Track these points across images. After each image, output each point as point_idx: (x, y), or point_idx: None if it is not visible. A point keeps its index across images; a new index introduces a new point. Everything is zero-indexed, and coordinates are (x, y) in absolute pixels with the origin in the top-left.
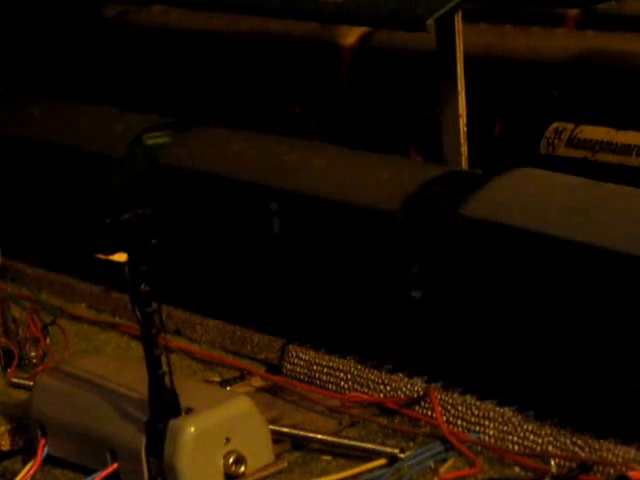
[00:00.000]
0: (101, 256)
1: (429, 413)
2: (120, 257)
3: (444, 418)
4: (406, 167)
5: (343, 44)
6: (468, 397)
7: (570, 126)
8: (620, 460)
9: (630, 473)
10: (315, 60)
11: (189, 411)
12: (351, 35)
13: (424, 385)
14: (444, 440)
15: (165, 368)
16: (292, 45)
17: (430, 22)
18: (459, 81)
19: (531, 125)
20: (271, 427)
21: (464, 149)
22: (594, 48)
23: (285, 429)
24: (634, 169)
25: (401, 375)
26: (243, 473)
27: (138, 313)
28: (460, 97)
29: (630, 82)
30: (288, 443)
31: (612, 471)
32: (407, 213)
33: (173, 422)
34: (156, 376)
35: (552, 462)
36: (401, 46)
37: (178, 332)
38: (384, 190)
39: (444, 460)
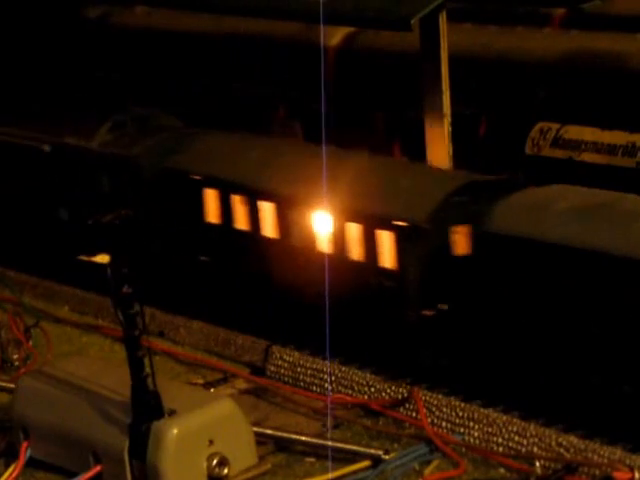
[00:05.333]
0: (84, 258)
1: (413, 415)
2: (102, 259)
3: (429, 420)
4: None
5: (328, 44)
6: (452, 399)
7: (555, 126)
8: (605, 461)
9: (615, 474)
10: (300, 60)
11: (172, 413)
12: (336, 35)
13: (408, 387)
14: (428, 442)
15: (148, 370)
16: (277, 45)
17: (414, 22)
18: (443, 81)
19: (516, 125)
20: (255, 429)
21: (449, 149)
22: (579, 48)
23: (269, 431)
24: (619, 169)
25: (385, 377)
26: (226, 475)
27: (120, 315)
28: (444, 97)
29: (615, 82)
30: (272, 445)
31: (597, 472)
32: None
33: (156, 424)
34: (139, 378)
35: (537, 463)
36: (386, 46)
37: (162, 334)
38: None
39: (428, 462)
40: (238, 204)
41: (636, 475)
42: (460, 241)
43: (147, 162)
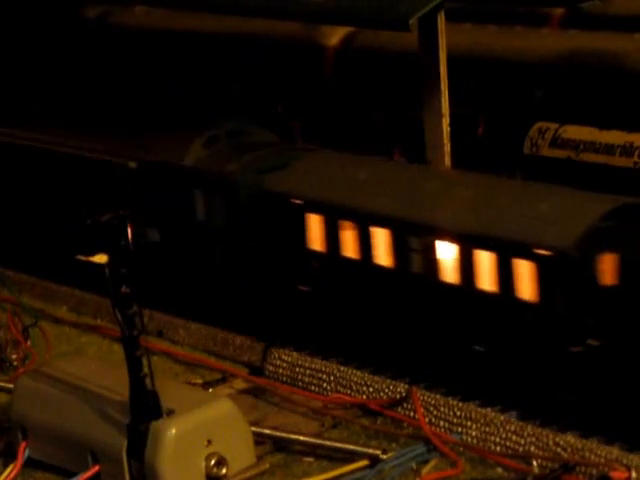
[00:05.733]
0: (82, 258)
1: (411, 414)
2: (100, 259)
3: (426, 419)
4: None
5: (327, 44)
6: (450, 398)
7: (554, 126)
8: (602, 460)
9: (612, 473)
10: (299, 60)
11: (170, 413)
12: (335, 35)
13: (407, 386)
14: (426, 441)
15: (146, 370)
16: (276, 45)
17: (413, 22)
18: (442, 81)
19: (515, 125)
20: (253, 429)
21: (447, 148)
22: (578, 48)
23: (267, 431)
24: (617, 169)
25: (384, 376)
26: (225, 475)
27: (119, 315)
28: (443, 97)
29: (613, 81)
30: (270, 445)
31: (594, 471)
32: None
33: (154, 424)
34: (137, 378)
35: (534, 463)
36: (384, 46)
37: (160, 334)
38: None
39: (426, 461)
40: (346, 230)
41: (633, 474)
42: (608, 270)
43: (244, 181)
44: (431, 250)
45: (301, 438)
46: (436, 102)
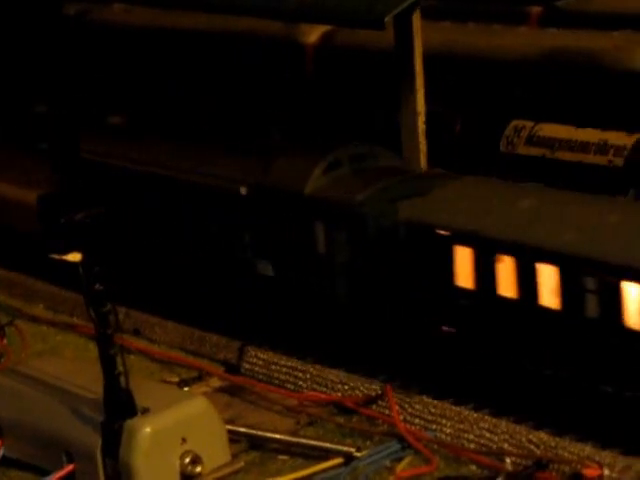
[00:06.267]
0: (55, 256)
1: (386, 412)
2: (74, 257)
3: (401, 417)
4: None
5: (306, 42)
6: (425, 396)
7: (529, 124)
8: (575, 458)
9: (585, 471)
10: (279, 58)
11: (145, 411)
12: (314, 33)
13: (381, 384)
14: (401, 439)
15: (121, 368)
16: (256, 43)
17: (388, 20)
18: (417, 79)
19: (491, 123)
20: (228, 427)
21: (423, 147)
22: (554, 46)
23: (242, 429)
24: (592, 167)
25: (359, 375)
26: (199, 473)
27: (92, 313)
28: (418, 95)
29: (589, 80)
30: (245, 443)
31: (567, 469)
32: None
33: (129, 422)
34: (111, 376)
35: (507, 460)
36: (363, 44)
37: (137, 332)
38: None
39: (401, 458)
40: (505, 266)
41: (605, 472)
42: None
43: (374, 210)
44: (614, 292)
45: (276, 436)
46: (412, 100)
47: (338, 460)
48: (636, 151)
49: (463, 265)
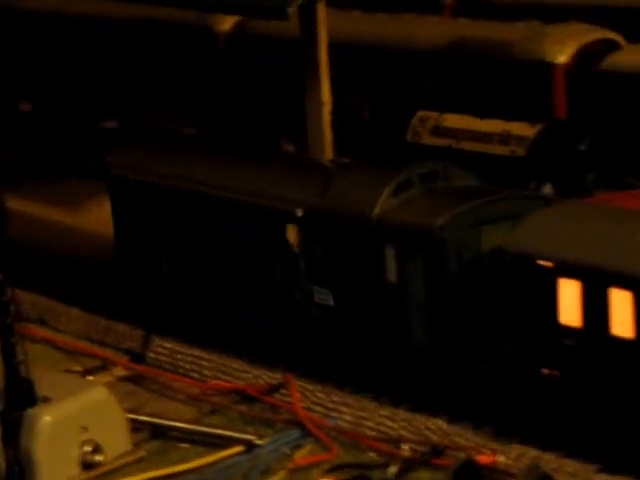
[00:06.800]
0: None
1: (289, 400)
2: None
3: (303, 405)
4: None
5: (219, 30)
6: (326, 384)
7: (434, 115)
8: (471, 444)
9: (479, 457)
10: (192, 46)
11: (46, 400)
12: (227, 22)
13: (284, 373)
14: (302, 426)
15: (21, 357)
16: (169, 31)
17: (292, 10)
18: (322, 69)
19: (398, 113)
20: (130, 416)
21: (328, 137)
22: (463, 36)
23: (145, 418)
24: (496, 157)
25: (262, 363)
26: (100, 461)
27: None
28: (323, 85)
29: (493, 70)
30: (147, 432)
31: (463, 455)
32: None
33: (29, 411)
34: (11, 365)
35: (405, 447)
36: (273, 33)
37: (42, 321)
38: None
39: (301, 446)
40: (620, 301)
41: (500, 458)
42: None
43: (458, 238)
44: None
45: (178, 424)
46: (317, 90)
47: (239, 448)
48: (538, 142)
49: (569, 300)
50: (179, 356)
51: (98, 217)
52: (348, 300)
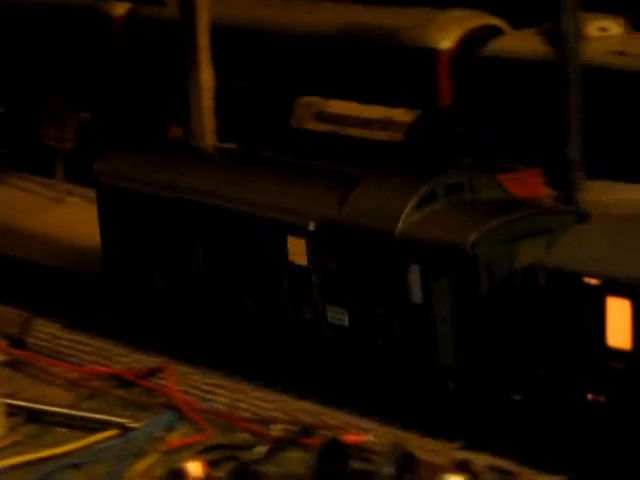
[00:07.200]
0: None
1: (165, 384)
2: None
3: (179, 388)
4: None
5: (113, 14)
6: (201, 368)
7: (318, 100)
8: (339, 424)
9: (346, 436)
10: (88, 30)
11: None
12: (122, 6)
13: (161, 357)
14: (177, 409)
15: None
16: (65, 15)
17: None
18: (202, 54)
19: (282, 98)
20: (6, 401)
21: (209, 123)
22: (350, 22)
23: (21, 403)
24: (378, 143)
25: (139, 347)
26: None
27: None
28: (204, 71)
29: (376, 57)
30: (24, 416)
31: (332, 434)
32: None
33: None
34: None
35: (274, 427)
36: (163, 18)
37: None
38: None
39: (175, 428)
40: None
41: (367, 437)
42: None
43: (491, 255)
44: None
45: (55, 409)
46: (197, 76)
47: (114, 431)
48: (415, 127)
49: (618, 321)
50: (59, 341)
51: None
52: (365, 321)
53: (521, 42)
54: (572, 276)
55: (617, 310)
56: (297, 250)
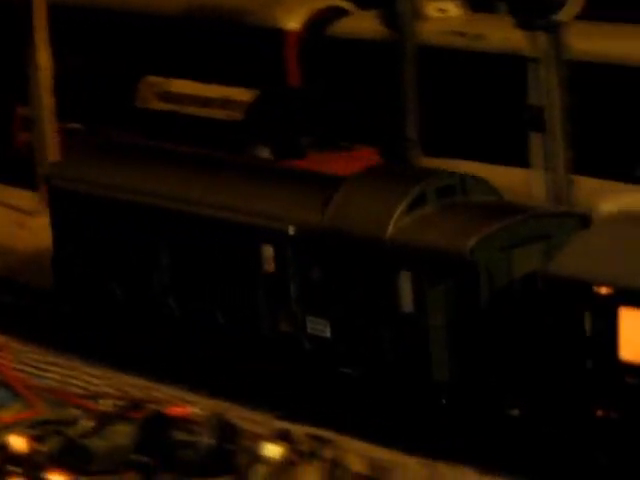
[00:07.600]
0: None
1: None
2: None
3: (13, 366)
4: None
5: None
6: (36, 345)
7: (161, 80)
8: (167, 397)
9: (169, 409)
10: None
11: None
12: None
13: None
14: (10, 387)
15: None
16: None
17: None
18: (39, 33)
19: (125, 78)
20: None
21: (48, 101)
22: (195, 1)
23: None
24: (216, 122)
25: None
26: None
27: None
28: (41, 50)
29: (226, 37)
30: None
31: (161, 407)
32: None
33: None
34: None
35: (105, 402)
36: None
37: None
38: None
39: (7, 406)
40: None
41: (194, 410)
42: None
43: (490, 262)
44: None
45: None
46: (34, 55)
47: None
48: (254, 106)
49: (631, 333)
50: None
51: None
52: (349, 333)
53: (364, 23)
54: (581, 285)
55: (631, 321)
56: (273, 257)
